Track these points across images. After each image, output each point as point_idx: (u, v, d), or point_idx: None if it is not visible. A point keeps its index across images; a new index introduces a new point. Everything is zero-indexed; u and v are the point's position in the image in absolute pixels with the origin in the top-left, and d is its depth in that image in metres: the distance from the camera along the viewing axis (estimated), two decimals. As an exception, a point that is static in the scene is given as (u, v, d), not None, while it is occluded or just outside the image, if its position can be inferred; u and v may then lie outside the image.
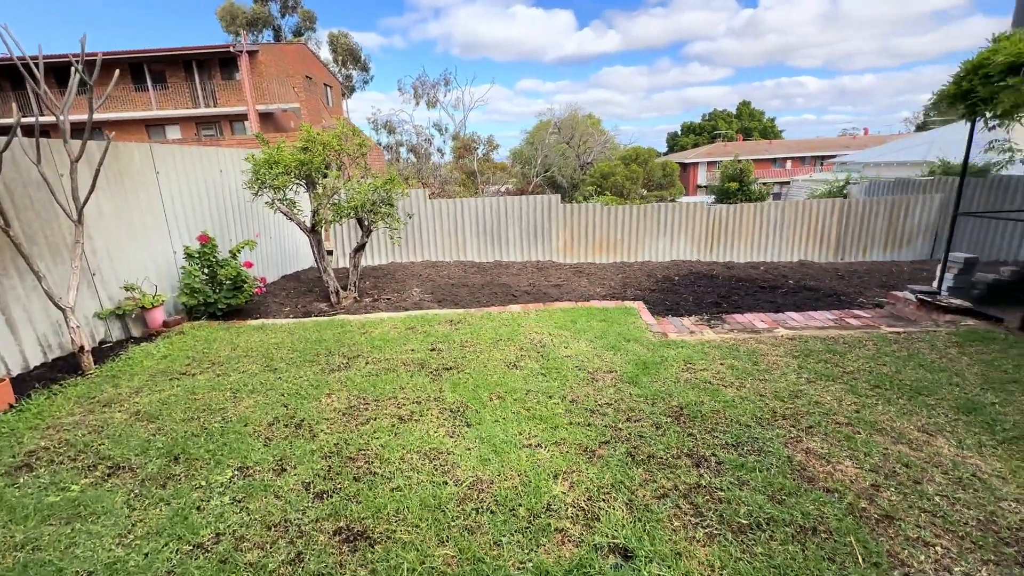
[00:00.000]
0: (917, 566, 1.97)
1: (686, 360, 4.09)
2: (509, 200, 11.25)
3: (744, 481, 2.51)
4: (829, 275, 8.52)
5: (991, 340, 4.29)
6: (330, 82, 32.98)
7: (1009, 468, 2.57)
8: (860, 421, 3.05)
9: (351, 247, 10.78)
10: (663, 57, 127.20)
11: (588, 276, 8.75)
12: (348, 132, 7.32)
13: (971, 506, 2.30)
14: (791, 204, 11.57)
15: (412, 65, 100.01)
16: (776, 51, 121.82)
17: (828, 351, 4.19)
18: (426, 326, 5.22)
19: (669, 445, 2.84)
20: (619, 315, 5.38)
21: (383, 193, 7.03)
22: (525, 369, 3.98)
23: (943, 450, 2.74)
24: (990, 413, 3.10)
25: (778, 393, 3.45)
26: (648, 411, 3.25)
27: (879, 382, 3.57)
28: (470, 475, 2.62)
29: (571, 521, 2.27)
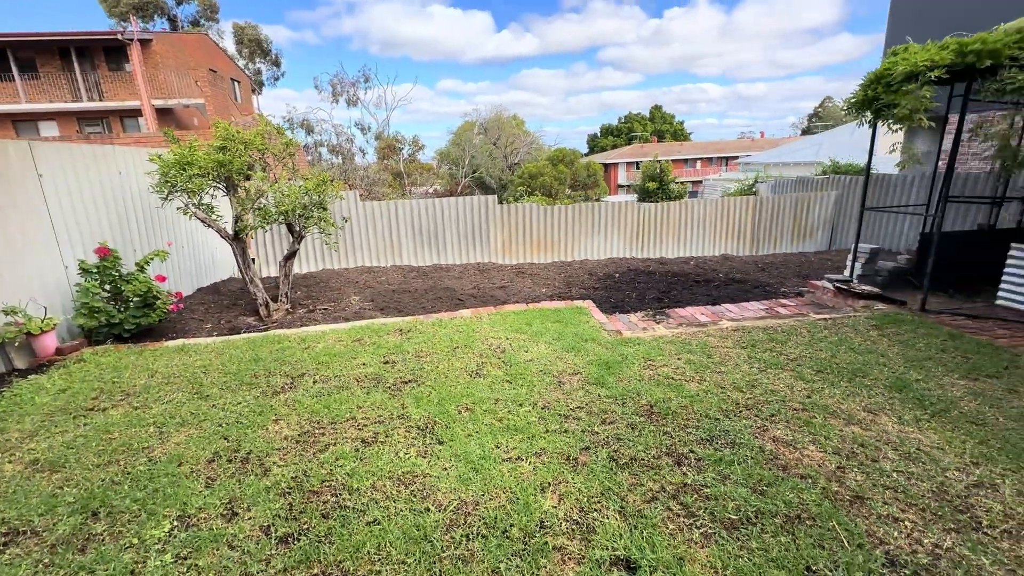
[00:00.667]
0: (894, 542, 2.09)
1: (645, 357, 4.15)
2: (446, 202, 11.00)
3: (726, 475, 2.55)
4: (751, 267, 9.16)
5: (902, 322, 4.78)
6: (238, 77, 30.56)
7: (944, 439, 2.83)
8: (813, 406, 3.25)
9: (278, 255, 10.01)
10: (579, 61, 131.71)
11: (531, 277, 8.75)
12: (272, 130, 6.74)
13: (924, 479, 2.50)
14: (712, 202, 12.35)
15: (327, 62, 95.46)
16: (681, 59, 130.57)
17: (770, 340, 4.45)
18: (374, 337, 4.90)
19: (648, 446, 2.84)
20: (572, 315, 5.39)
21: (315, 196, 6.55)
22: (489, 377, 3.84)
23: (888, 427, 2.97)
24: (917, 390, 3.42)
25: (736, 384, 3.59)
26: (620, 412, 3.24)
27: (821, 367, 3.83)
28: (452, 498, 2.44)
29: (567, 537, 2.17)
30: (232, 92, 29.08)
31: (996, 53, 4.39)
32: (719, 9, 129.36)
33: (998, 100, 4.54)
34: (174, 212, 6.56)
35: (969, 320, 4.91)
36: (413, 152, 33.94)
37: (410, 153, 33.84)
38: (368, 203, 10.60)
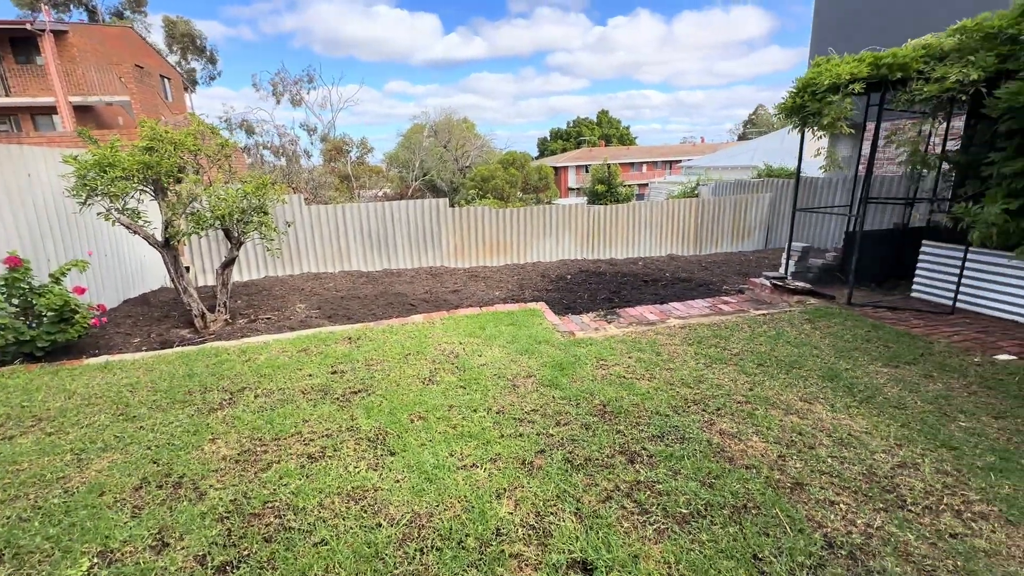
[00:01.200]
0: (831, 525, 2.21)
1: (597, 357, 4.21)
2: (396, 205, 10.77)
3: (677, 471, 2.61)
4: (695, 267, 9.54)
5: (831, 315, 5.11)
6: (168, 74, 28.71)
7: (871, 424, 3.04)
8: (756, 398, 3.40)
9: (216, 262, 9.44)
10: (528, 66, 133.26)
11: (484, 280, 8.71)
12: (205, 130, 6.35)
13: (854, 462, 2.66)
14: (658, 204, 12.77)
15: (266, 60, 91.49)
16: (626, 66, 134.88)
17: (715, 336, 4.63)
18: (321, 346, 4.71)
19: (602, 445, 2.86)
20: (525, 317, 5.40)
21: (255, 200, 6.22)
22: (442, 383, 3.77)
23: (822, 416, 3.15)
24: (846, 378, 3.66)
25: (684, 380, 3.70)
26: (575, 413, 3.26)
27: (761, 360, 4.02)
28: (405, 511, 2.36)
29: (524, 543, 2.15)
30: (162, 90, 27.30)
31: (906, 66, 4.79)
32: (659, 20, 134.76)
33: (908, 109, 4.95)
34: (95, 218, 6.04)
35: (889, 312, 5.32)
36: (361, 154, 33.08)
37: (358, 156, 32.97)
38: (314, 207, 10.21)
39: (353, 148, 33.02)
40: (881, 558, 2.02)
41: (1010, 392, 3.38)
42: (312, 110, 38.13)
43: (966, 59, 4.49)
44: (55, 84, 18.59)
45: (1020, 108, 4.13)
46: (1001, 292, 4.94)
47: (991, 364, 3.84)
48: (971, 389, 3.45)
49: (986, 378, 3.60)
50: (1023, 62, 4.19)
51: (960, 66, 4.47)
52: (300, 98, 35.22)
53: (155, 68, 26.39)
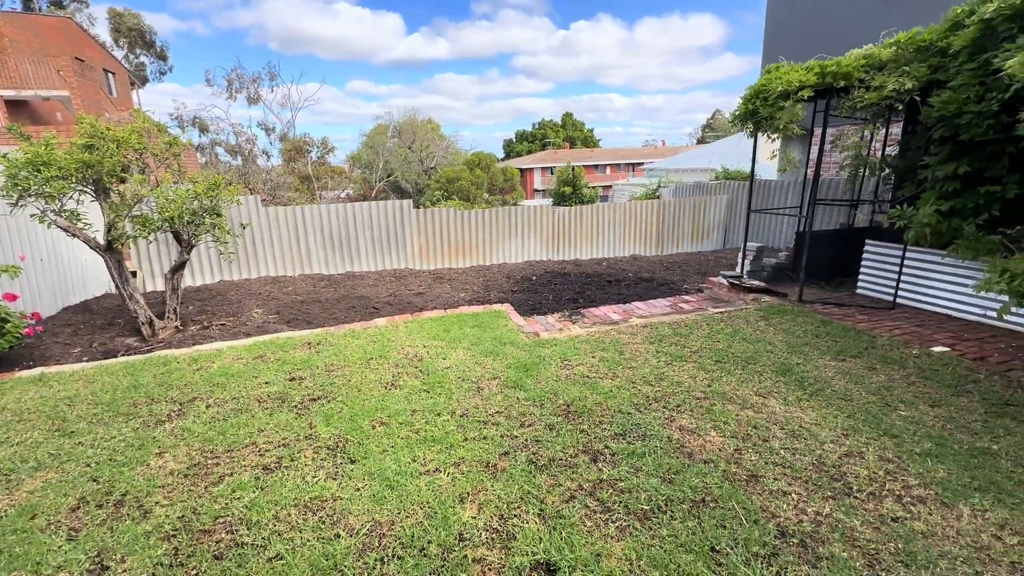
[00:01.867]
0: (784, 515, 2.29)
1: (562, 357, 4.24)
2: (358, 206, 10.56)
3: (638, 468, 2.65)
4: (657, 267, 9.77)
5: (784, 312, 5.32)
6: (113, 68, 27.21)
7: (821, 416, 3.17)
8: (713, 394, 3.49)
9: (165, 266, 8.98)
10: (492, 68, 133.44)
11: (449, 282, 8.64)
12: (152, 127, 6.04)
13: (805, 453, 2.77)
14: (621, 206, 13.00)
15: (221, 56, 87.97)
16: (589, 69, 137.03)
17: (675, 334, 4.75)
18: (279, 352, 4.55)
19: (566, 445, 2.88)
20: (490, 319, 5.38)
21: (207, 201, 5.96)
22: (405, 387, 3.71)
23: (776, 409, 3.27)
24: (798, 373, 3.81)
25: (646, 378, 3.77)
26: (539, 414, 3.27)
27: (719, 357, 4.14)
28: (366, 520, 2.30)
29: (487, 547, 2.13)
30: (106, 85, 25.85)
31: (848, 75, 5.05)
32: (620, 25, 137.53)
33: (852, 116, 5.22)
34: (28, 220, 5.64)
35: (836, 308, 5.59)
36: (323, 155, 32.30)
37: (319, 156, 32.17)
38: (271, 208, 9.89)
39: (314, 148, 32.20)
40: (829, 544, 2.11)
41: (944, 382, 3.60)
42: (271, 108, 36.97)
43: (901, 69, 4.78)
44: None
45: (950, 116, 4.41)
46: (936, 288, 5.27)
47: (928, 356, 4.09)
48: (910, 380, 3.66)
49: (923, 369, 3.83)
50: (951, 73, 4.48)
51: (897, 76, 4.74)
52: (258, 96, 34.10)
53: (98, 62, 24.96)
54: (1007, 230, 4.41)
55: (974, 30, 4.27)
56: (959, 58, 4.47)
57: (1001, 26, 4.07)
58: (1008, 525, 2.20)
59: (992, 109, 4.12)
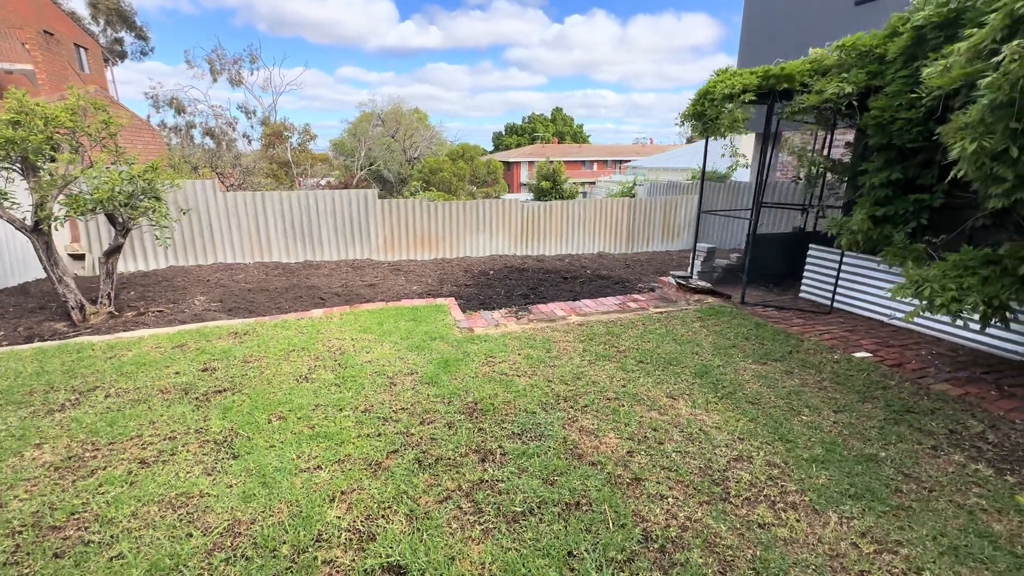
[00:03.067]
0: (654, 519, 2.27)
1: (487, 354, 4.19)
2: (321, 195, 10.38)
3: (524, 468, 2.62)
4: (619, 264, 9.77)
5: (722, 314, 5.34)
6: (86, 43, 26.35)
7: (724, 419, 3.17)
8: (625, 395, 3.48)
9: (112, 249, 8.74)
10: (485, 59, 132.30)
11: (406, 274, 8.55)
12: (87, 105, 5.83)
13: (696, 456, 2.77)
14: (591, 202, 12.98)
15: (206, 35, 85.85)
16: (582, 64, 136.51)
17: (608, 333, 4.73)
18: (202, 341, 4.44)
19: (459, 444, 2.84)
20: (429, 313, 5.32)
21: (143, 183, 5.78)
22: (317, 381, 3.63)
23: (682, 411, 3.27)
24: (715, 375, 3.82)
25: (563, 377, 3.74)
26: (444, 411, 3.22)
27: (643, 357, 4.13)
28: (226, 519, 2.23)
29: (343, 548, 2.08)
30: (77, 60, 25.05)
31: (791, 79, 5.05)
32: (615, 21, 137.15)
33: (798, 120, 5.23)
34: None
35: (776, 311, 5.63)
36: (304, 141, 31.75)
37: (300, 142, 31.62)
38: (230, 194, 9.67)
39: (295, 134, 31.63)
40: (689, 550, 2.10)
41: (854, 387, 3.63)
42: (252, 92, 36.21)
43: (842, 75, 4.78)
44: (-59, 47, 16.63)
45: (885, 123, 4.44)
46: (870, 293, 5.32)
47: (847, 361, 4.13)
48: (823, 385, 3.68)
49: (839, 374, 3.86)
50: (887, 79, 4.50)
51: (838, 80, 4.75)
52: (240, 78, 33.39)
53: (68, 36, 24.15)
54: (933, 238, 4.47)
55: (907, 37, 4.29)
56: (895, 65, 4.49)
57: (931, 34, 4.09)
58: (870, 533, 2.21)
59: (919, 116, 4.15)
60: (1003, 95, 2.87)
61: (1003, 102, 2.90)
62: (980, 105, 3.02)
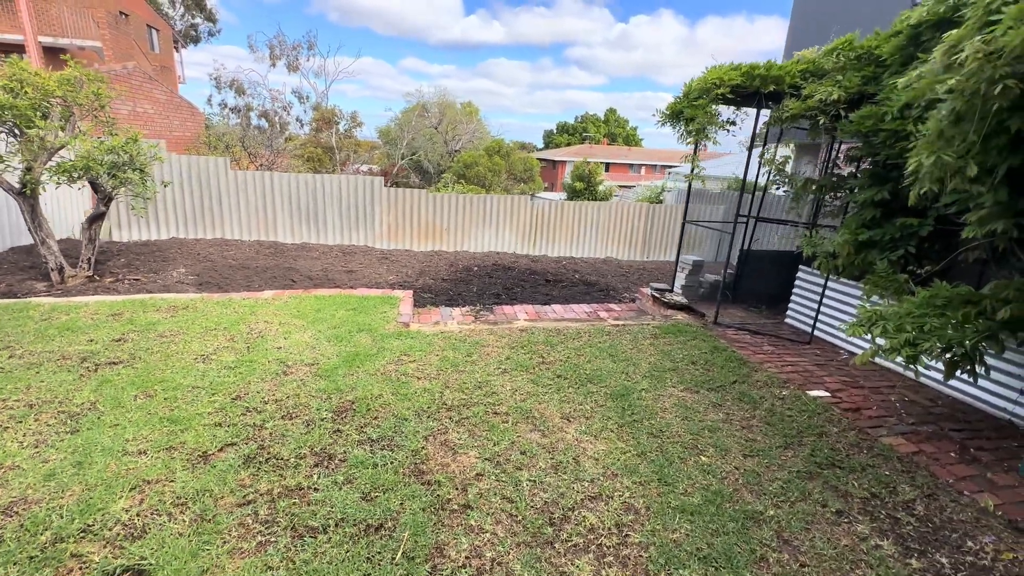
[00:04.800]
0: (452, 556, 2.02)
1: (403, 352, 4.01)
2: (327, 179, 10.53)
3: (352, 479, 2.42)
4: (618, 272, 9.32)
5: (683, 333, 4.90)
6: (158, 25, 28.14)
7: (609, 450, 2.84)
8: (517, 410, 3.20)
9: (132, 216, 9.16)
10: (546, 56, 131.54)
11: (392, 262, 8.49)
12: (81, 77, 6.07)
13: (549, 489, 2.47)
14: (607, 206, 12.53)
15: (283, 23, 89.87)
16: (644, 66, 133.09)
17: (545, 342, 4.43)
18: (138, 312, 4.50)
19: (303, 444, 2.67)
20: (375, 304, 5.19)
21: (123, 154, 5.97)
22: (214, 362, 3.57)
23: (568, 436, 2.96)
24: (632, 399, 3.46)
25: (463, 385, 3.50)
26: (316, 407, 3.07)
27: (565, 372, 3.82)
28: (15, 494, 2.17)
29: (104, 543, 1.96)
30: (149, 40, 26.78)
31: (779, 80, 4.54)
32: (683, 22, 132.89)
33: (790, 126, 4.72)
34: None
35: (749, 336, 5.12)
36: (350, 127, 32.64)
37: (347, 128, 32.53)
38: (241, 172, 9.95)
39: (343, 120, 32.57)
40: (468, 598, 1.84)
41: (785, 430, 3.18)
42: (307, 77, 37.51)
43: (836, 78, 4.25)
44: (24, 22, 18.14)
45: (868, 134, 3.89)
46: (857, 326, 4.73)
47: (796, 399, 3.65)
48: (749, 423, 3.26)
49: (775, 413, 3.41)
50: (883, 84, 3.94)
51: (828, 84, 4.22)
52: (297, 64, 34.80)
53: (142, 18, 25.84)
54: (918, 269, 3.90)
55: (903, 37, 3.74)
56: (891, 68, 3.93)
57: (926, 34, 3.53)
58: (695, 608, 1.87)
59: (907, 129, 3.59)
60: (962, 102, 2.39)
61: (963, 110, 2.41)
62: (938, 114, 2.53)
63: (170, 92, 15.20)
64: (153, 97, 13.51)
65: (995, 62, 2.26)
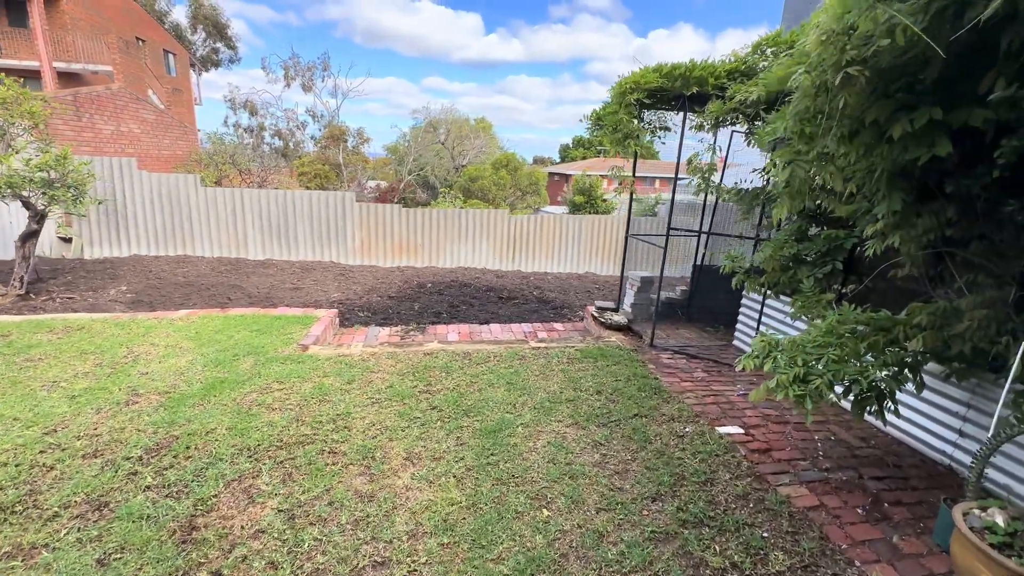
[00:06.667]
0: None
1: (279, 378, 3.70)
2: (297, 195, 10.44)
3: (102, 536, 2.10)
4: (583, 287, 8.88)
5: (607, 357, 4.47)
6: (175, 50, 29.25)
7: (433, 500, 2.45)
8: (359, 450, 2.84)
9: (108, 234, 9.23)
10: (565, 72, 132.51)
11: (348, 279, 8.26)
12: (17, 96, 6.08)
13: (331, 551, 2.10)
14: (588, 219, 12.13)
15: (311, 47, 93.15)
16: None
17: (443, 368, 4.07)
18: (25, 334, 4.33)
19: (80, 490, 2.37)
20: (285, 325, 4.92)
21: (54, 172, 5.91)
22: (59, 390, 3.33)
23: (399, 483, 2.58)
24: (504, 435, 3.06)
25: (319, 418, 3.16)
26: (134, 442, 2.78)
27: (442, 403, 3.44)
28: None
29: None
30: (164, 64, 27.82)
31: (702, 80, 4.15)
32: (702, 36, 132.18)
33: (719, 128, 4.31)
34: None
35: (686, 359, 4.65)
36: (357, 144, 33.14)
37: (354, 145, 33.03)
38: (211, 189, 9.96)
39: (351, 137, 33.11)
40: None
41: (663, 476, 2.72)
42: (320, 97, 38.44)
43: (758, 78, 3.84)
44: (40, 49, 18.96)
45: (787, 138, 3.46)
46: (799, 351, 4.22)
47: (699, 437, 3.18)
48: (627, 468, 2.82)
49: (664, 454, 2.95)
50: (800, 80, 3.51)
51: (752, 84, 3.81)
52: (311, 84, 35.77)
53: (158, 43, 26.88)
54: (843, 288, 3.43)
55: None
56: (812, 63, 3.50)
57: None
58: None
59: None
60: (807, 99, 1.99)
61: (806, 109, 2.01)
62: (782, 116, 2.13)
63: (159, 112, 15.55)
64: (140, 117, 13.81)
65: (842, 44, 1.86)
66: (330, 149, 31.80)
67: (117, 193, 9.31)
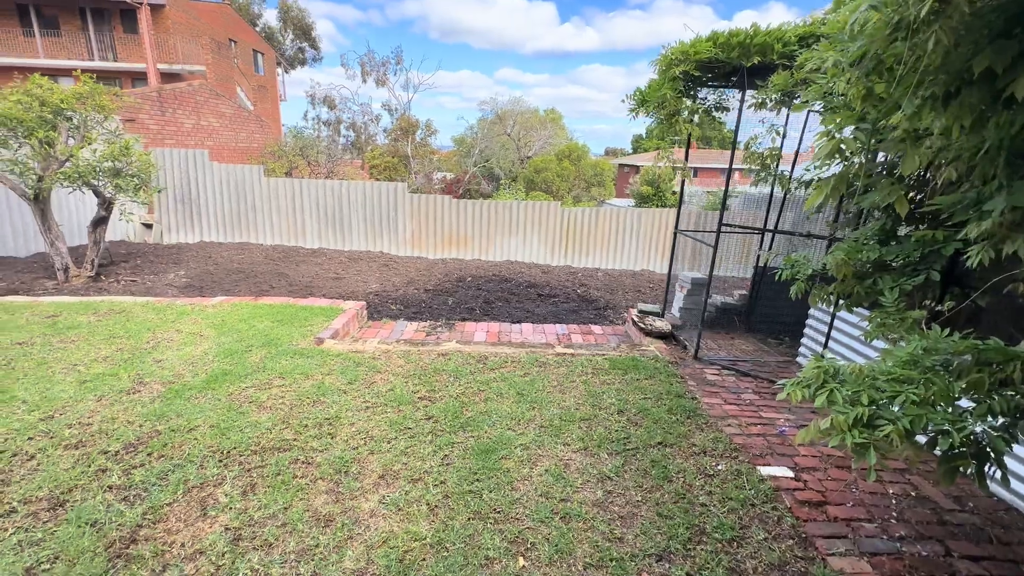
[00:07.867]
0: None
1: (283, 373, 3.58)
2: (352, 185, 10.61)
3: (43, 540, 1.99)
4: (636, 286, 8.23)
5: (640, 369, 3.94)
6: (263, 50, 31.34)
7: (394, 532, 2.13)
8: (334, 462, 2.59)
9: (183, 221, 9.95)
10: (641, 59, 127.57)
11: (391, 270, 8.22)
12: (90, 91, 6.50)
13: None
14: (648, 213, 11.35)
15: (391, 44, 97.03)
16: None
17: (453, 372, 3.75)
18: (73, 315, 4.56)
19: (47, 484, 2.30)
20: (311, 316, 4.85)
21: (117, 163, 6.28)
22: (74, 374, 3.40)
23: (364, 507, 2.29)
24: (496, 458, 2.69)
25: (305, 422, 2.97)
26: (118, 435, 2.72)
27: (440, 413, 3.13)
28: None
29: None
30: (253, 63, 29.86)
31: (764, 48, 3.48)
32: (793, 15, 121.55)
33: (774, 108, 3.62)
34: None
35: (735, 376, 4.01)
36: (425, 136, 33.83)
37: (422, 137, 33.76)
38: (273, 180, 10.36)
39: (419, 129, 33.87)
40: None
41: (677, 528, 2.22)
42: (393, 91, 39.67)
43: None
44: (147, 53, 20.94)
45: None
46: (879, 376, 3.46)
47: (736, 477, 2.62)
48: (635, 512, 2.34)
49: (685, 498, 2.44)
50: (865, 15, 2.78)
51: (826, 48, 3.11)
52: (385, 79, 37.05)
53: (248, 44, 28.89)
54: (938, 304, 2.69)
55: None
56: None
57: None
58: None
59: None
60: (879, 42, 1.41)
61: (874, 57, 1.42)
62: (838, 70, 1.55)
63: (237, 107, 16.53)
64: (218, 112, 14.75)
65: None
66: (400, 141, 32.66)
67: (191, 183, 9.95)
